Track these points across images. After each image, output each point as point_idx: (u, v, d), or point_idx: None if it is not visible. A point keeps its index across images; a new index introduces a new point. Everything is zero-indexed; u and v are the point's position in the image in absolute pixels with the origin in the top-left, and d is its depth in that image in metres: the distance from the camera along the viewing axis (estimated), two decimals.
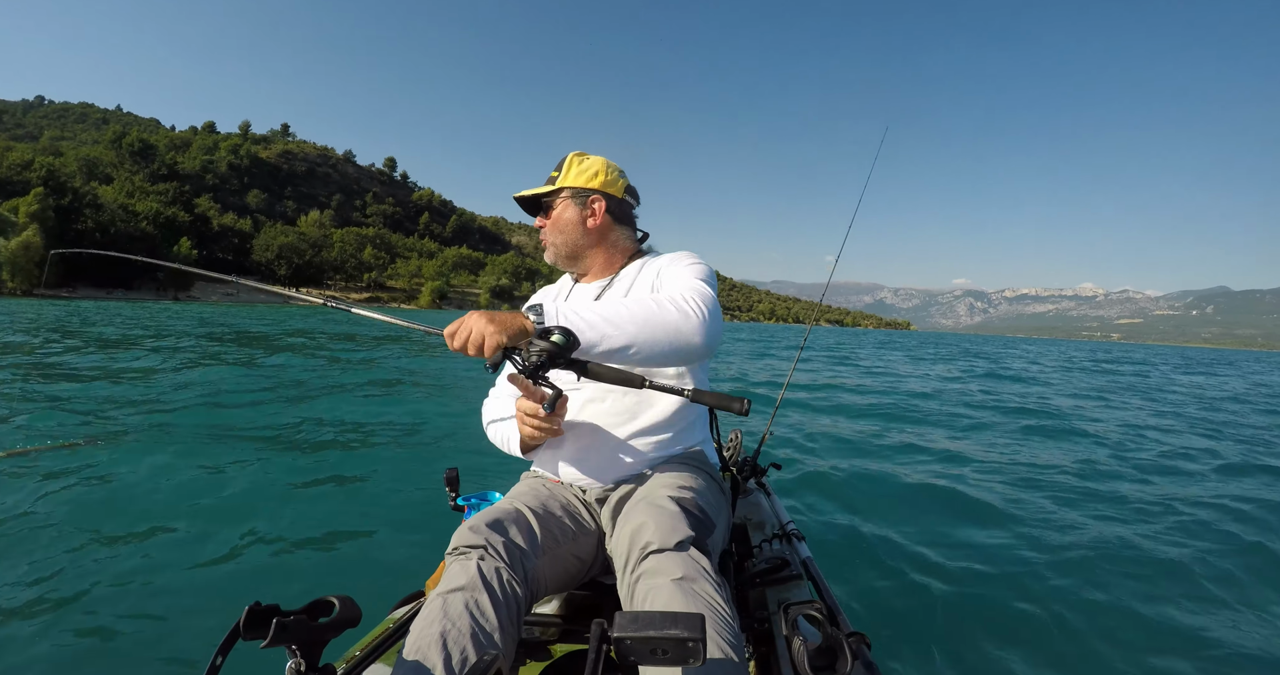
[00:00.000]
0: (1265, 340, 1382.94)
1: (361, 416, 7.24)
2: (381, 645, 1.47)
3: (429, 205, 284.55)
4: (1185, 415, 10.57)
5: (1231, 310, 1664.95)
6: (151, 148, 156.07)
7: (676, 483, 1.46)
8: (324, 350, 15.57)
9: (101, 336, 16.70)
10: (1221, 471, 5.81)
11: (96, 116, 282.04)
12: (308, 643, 1.06)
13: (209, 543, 3.57)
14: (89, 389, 8.08)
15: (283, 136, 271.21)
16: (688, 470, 1.55)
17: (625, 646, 0.89)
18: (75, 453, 4.97)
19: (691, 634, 0.86)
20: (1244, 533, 3.90)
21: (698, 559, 1.22)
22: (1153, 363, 35.00)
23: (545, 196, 1.74)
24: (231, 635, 0.99)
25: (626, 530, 1.30)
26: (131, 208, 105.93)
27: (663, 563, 1.20)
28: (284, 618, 1.02)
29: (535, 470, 1.76)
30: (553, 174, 1.76)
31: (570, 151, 1.78)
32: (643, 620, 0.88)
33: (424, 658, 1.07)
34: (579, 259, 1.78)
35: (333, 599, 1.11)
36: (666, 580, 1.16)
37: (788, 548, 1.94)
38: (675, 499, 1.37)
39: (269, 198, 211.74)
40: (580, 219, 1.73)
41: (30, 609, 2.79)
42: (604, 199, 1.74)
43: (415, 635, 1.13)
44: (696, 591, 1.14)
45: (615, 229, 1.78)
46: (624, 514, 1.38)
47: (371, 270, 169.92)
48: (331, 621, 1.08)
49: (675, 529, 1.25)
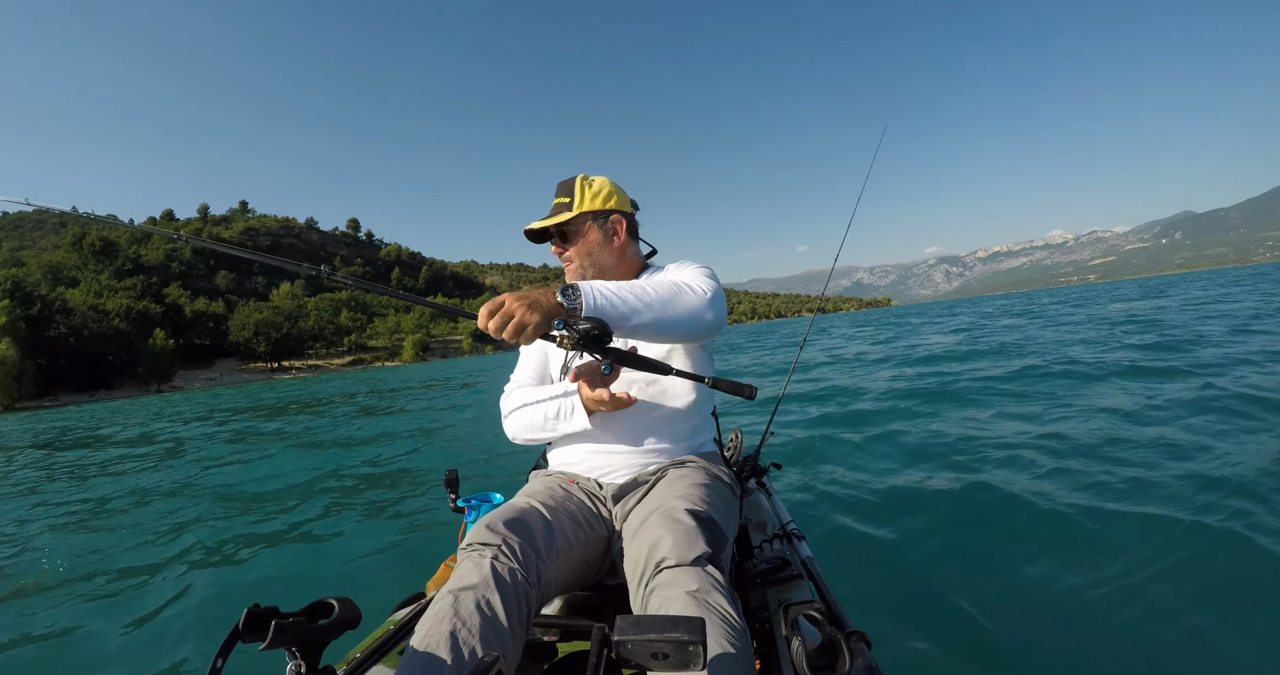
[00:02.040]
0: (1236, 256, 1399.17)
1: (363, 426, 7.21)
2: (382, 647, 1.45)
3: (398, 260, 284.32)
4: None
5: (1199, 233, 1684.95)
6: (113, 244, 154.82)
7: (692, 492, 1.48)
8: (328, 406, 15.48)
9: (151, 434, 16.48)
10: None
11: (53, 221, 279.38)
12: (308, 644, 1.06)
13: (209, 544, 3.59)
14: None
15: (242, 214, 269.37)
16: (703, 475, 1.59)
17: (626, 649, 0.89)
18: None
19: (692, 637, 0.86)
20: None
21: (712, 574, 1.23)
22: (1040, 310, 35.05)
23: (567, 224, 1.79)
24: (231, 637, 0.99)
25: (644, 543, 1.31)
26: (101, 307, 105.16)
27: (677, 577, 1.20)
28: (283, 619, 1.02)
29: (549, 467, 1.80)
30: (561, 200, 1.79)
31: (563, 178, 1.83)
32: (644, 624, 0.89)
33: (433, 654, 1.07)
34: (603, 276, 1.84)
35: (332, 600, 1.11)
36: (680, 592, 1.16)
37: (788, 548, 1.96)
38: (692, 511, 1.38)
39: (237, 277, 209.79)
40: (605, 239, 1.81)
41: (31, 609, 2.80)
42: (624, 218, 1.83)
43: (425, 630, 1.12)
44: (709, 603, 1.14)
45: (631, 244, 1.88)
46: (640, 524, 1.40)
47: (350, 333, 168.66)
48: (331, 623, 1.08)
49: (693, 545, 1.26)
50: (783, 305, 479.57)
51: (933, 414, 7.72)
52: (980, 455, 5.41)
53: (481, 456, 6.06)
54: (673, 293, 1.46)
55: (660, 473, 1.63)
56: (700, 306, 1.48)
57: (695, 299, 1.48)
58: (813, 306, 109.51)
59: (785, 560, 1.77)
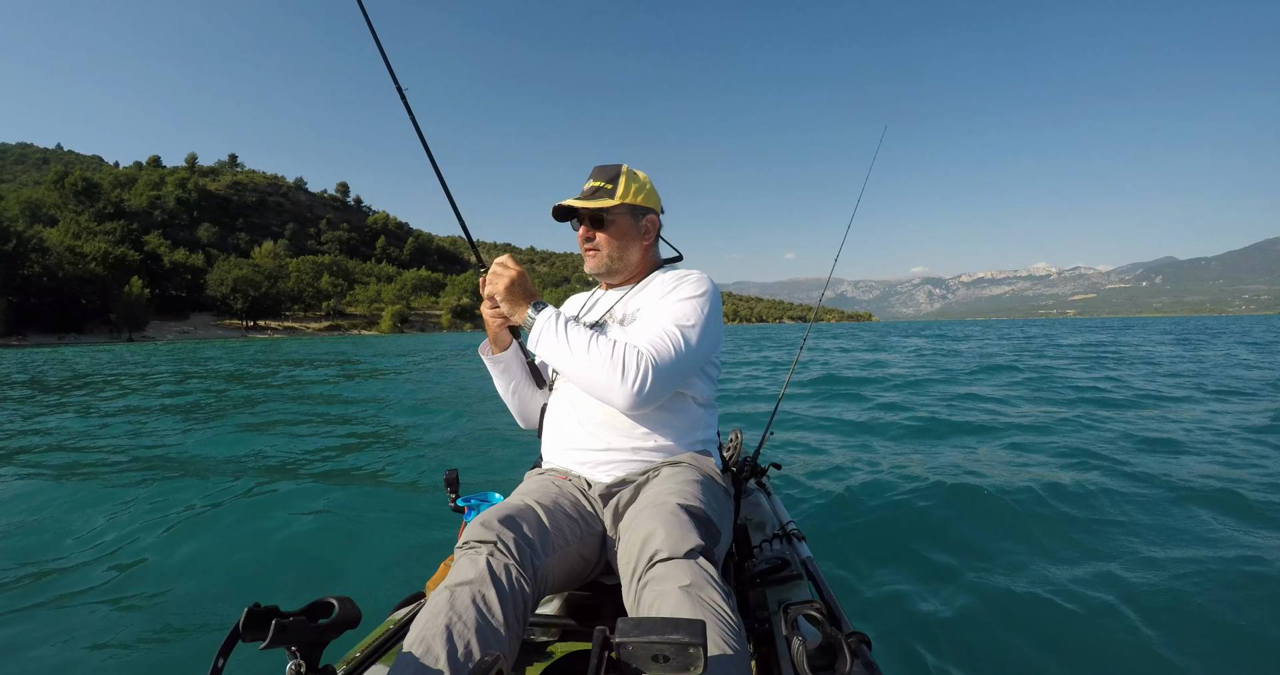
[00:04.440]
0: (1213, 305, 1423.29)
1: (361, 420, 7.17)
2: (382, 646, 1.46)
3: (385, 229, 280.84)
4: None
5: (1179, 279, 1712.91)
6: (96, 186, 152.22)
7: (685, 488, 1.47)
8: (321, 371, 15.33)
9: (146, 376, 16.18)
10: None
11: (36, 157, 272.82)
12: (307, 644, 1.06)
13: (208, 544, 3.57)
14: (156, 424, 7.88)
15: (231, 167, 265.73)
16: (695, 474, 1.59)
17: (627, 652, 0.89)
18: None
19: (693, 639, 0.86)
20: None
21: (706, 567, 1.22)
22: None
23: (607, 211, 1.77)
24: (231, 637, 0.99)
25: (636, 537, 1.30)
26: (79, 249, 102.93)
27: (670, 571, 1.20)
28: (283, 619, 1.02)
29: (543, 466, 1.80)
30: (602, 185, 1.77)
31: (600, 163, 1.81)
32: (645, 626, 0.89)
33: (428, 649, 1.07)
34: (622, 271, 1.86)
35: (332, 600, 1.11)
36: (674, 587, 1.15)
37: (788, 548, 1.96)
38: (685, 506, 1.37)
39: (220, 231, 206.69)
40: (637, 234, 1.82)
41: (32, 609, 2.77)
42: (657, 219, 1.85)
43: (420, 626, 1.12)
44: (704, 599, 1.14)
45: (656, 244, 1.90)
46: (632, 519, 1.39)
47: (330, 298, 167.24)
48: (331, 622, 1.08)
49: (685, 538, 1.26)
50: (765, 311, 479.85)
51: (933, 414, 7.80)
52: (980, 455, 5.50)
53: (481, 456, 6.05)
54: (599, 361, 1.51)
55: (652, 471, 1.63)
56: (615, 391, 1.51)
57: (617, 382, 1.50)
58: (795, 314, 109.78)
59: (785, 560, 1.78)
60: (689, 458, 1.67)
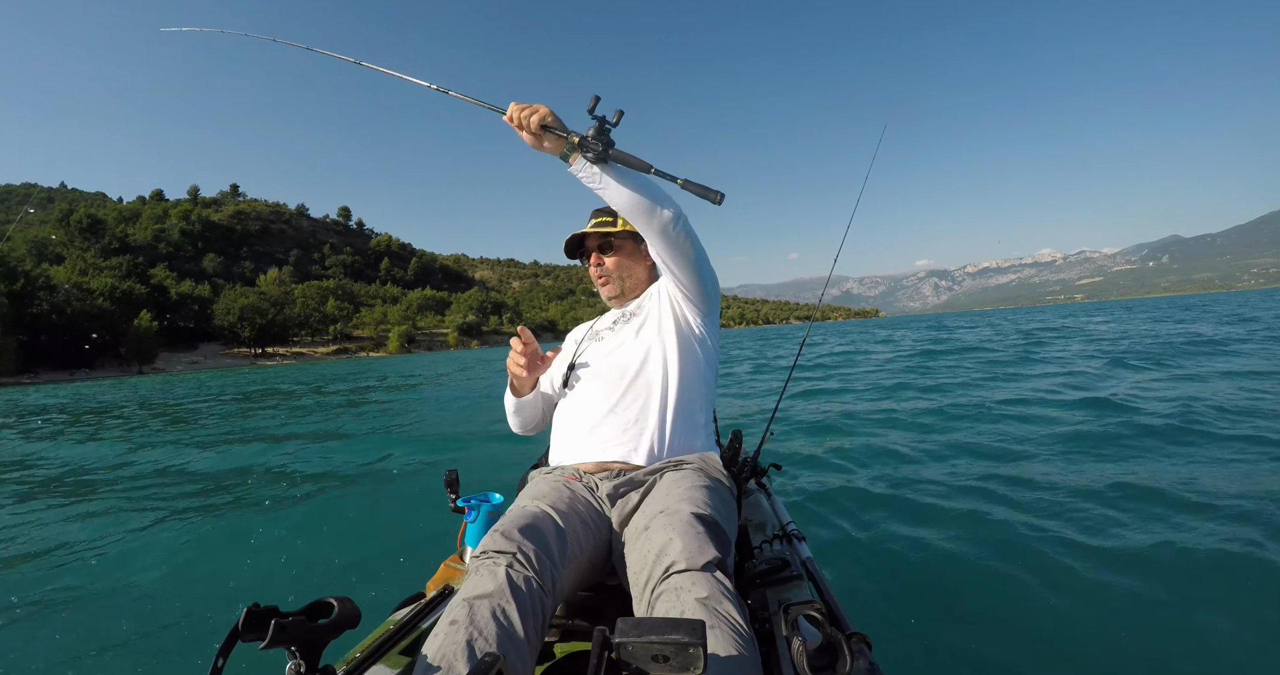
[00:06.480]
0: (1222, 281, 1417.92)
1: (362, 422, 7.19)
2: (382, 646, 1.44)
3: (388, 250, 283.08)
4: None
5: (1186, 257, 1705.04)
6: (100, 222, 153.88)
7: (695, 495, 1.47)
8: (328, 393, 15.41)
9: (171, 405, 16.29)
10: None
11: (41, 196, 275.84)
12: (307, 644, 1.06)
13: (208, 544, 3.58)
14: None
15: (233, 197, 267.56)
16: (704, 478, 1.59)
17: (627, 651, 0.89)
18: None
19: (693, 639, 0.86)
20: None
21: (721, 580, 1.21)
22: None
23: (614, 236, 1.94)
24: (231, 637, 0.99)
25: (652, 545, 1.30)
26: (86, 285, 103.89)
27: (687, 582, 1.20)
28: (283, 619, 1.02)
29: (549, 465, 1.82)
30: (605, 219, 1.94)
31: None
32: (645, 626, 0.89)
33: (449, 666, 1.06)
34: (632, 291, 2.01)
35: (332, 600, 1.11)
36: (691, 599, 1.16)
37: (788, 548, 1.94)
38: (699, 515, 1.37)
39: (225, 260, 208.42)
40: (640, 255, 2.00)
41: (32, 610, 2.78)
42: None
43: (440, 639, 1.11)
44: (720, 612, 1.13)
45: (655, 266, 2.03)
46: (645, 526, 1.39)
47: (336, 322, 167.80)
48: (331, 623, 1.08)
49: (702, 550, 1.26)
50: (771, 312, 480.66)
51: (933, 415, 7.78)
52: (980, 456, 5.45)
53: (481, 457, 6.05)
54: (656, 195, 1.56)
55: (658, 473, 1.63)
56: (668, 202, 1.57)
57: (670, 214, 1.57)
58: (801, 314, 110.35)
59: (785, 561, 1.77)
60: (696, 458, 1.69)
